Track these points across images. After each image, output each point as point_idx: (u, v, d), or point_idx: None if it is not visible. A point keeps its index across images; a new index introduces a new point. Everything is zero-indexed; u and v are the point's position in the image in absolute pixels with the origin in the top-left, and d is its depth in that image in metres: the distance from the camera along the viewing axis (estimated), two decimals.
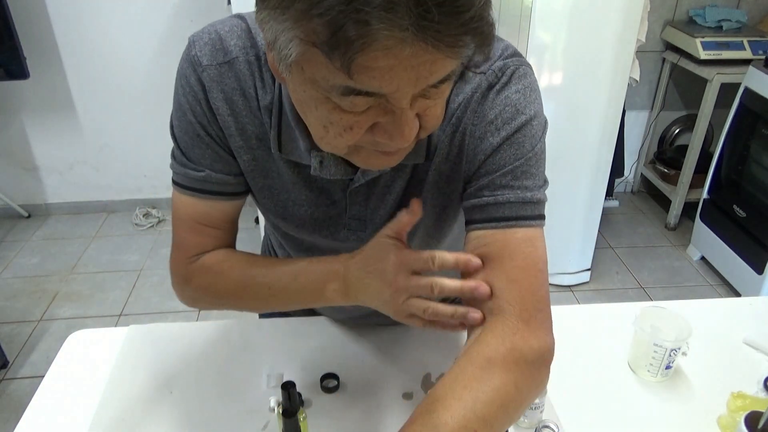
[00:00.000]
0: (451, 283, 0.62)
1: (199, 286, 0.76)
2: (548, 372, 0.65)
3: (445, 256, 0.62)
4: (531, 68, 0.67)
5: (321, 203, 0.73)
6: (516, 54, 0.67)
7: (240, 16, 0.68)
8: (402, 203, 0.73)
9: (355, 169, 0.69)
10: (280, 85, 0.66)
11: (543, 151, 0.67)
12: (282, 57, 0.49)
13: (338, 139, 0.54)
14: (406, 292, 0.62)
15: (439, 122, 0.57)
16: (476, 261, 0.63)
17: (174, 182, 0.73)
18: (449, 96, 0.66)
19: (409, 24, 0.42)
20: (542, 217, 0.66)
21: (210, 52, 0.65)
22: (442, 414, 0.57)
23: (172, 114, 0.71)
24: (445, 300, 0.64)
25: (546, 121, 0.68)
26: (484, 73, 0.65)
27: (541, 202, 0.66)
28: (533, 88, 0.66)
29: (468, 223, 0.68)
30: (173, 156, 0.72)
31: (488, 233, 0.65)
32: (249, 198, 0.81)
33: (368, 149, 0.57)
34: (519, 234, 0.64)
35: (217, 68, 0.65)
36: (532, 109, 0.65)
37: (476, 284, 0.62)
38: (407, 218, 0.64)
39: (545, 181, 0.68)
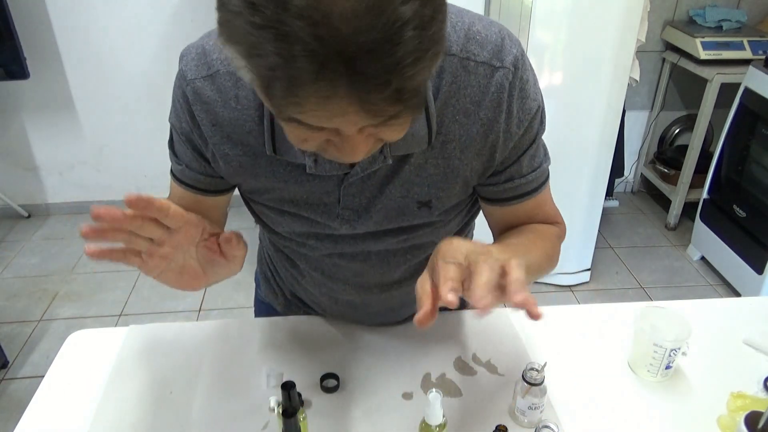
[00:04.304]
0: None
1: None
2: None
3: None
4: (521, 44, 0.70)
5: (315, 191, 0.74)
6: (510, 35, 0.68)
7: None
8: (402, 192, 0.73)
9: (352, 164, 0.69)
10: None
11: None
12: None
13: (300, 145, 0.55)
14: None
15: (402, 135, 0.55)
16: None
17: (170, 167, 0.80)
18: (458, 87, 0.67)
19: (340, 86, 0.43)
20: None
21: (195, 66, 0.68)
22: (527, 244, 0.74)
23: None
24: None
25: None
26: (499, 68, 0.66)
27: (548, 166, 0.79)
28: (533, 70, 0.71)
29: (496, 201, 0.78)
30: (168, 144, 0.79)
31: (521, 205, 0.78)
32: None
33: None
34: (542, 193, 0.79)
35: (200, 82, 0.68)
36: (539, 95, 0.71)
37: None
38: None
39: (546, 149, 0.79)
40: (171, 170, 0.80)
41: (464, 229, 0.89)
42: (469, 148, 0.70)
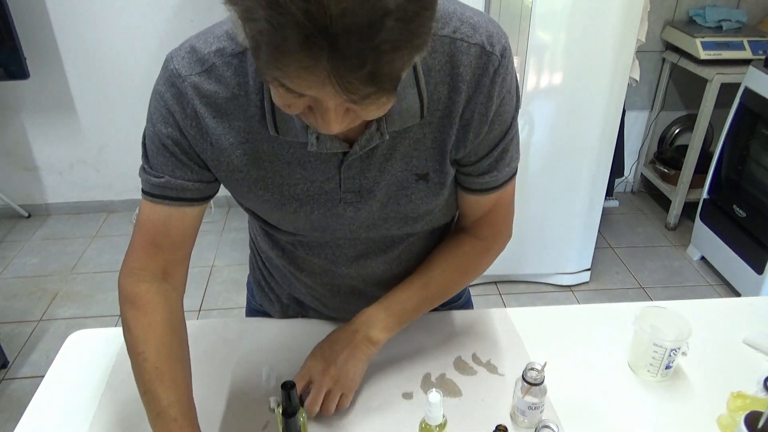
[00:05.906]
0: None
1: (122, 310, 0.78)
2: None
3: None
4: (508, 39, 0.72)
5: (316, 179, 0.75)
6: (499, 27, 0.72)
7: (216, 25, 0.71)
8: (402, 166, 0.75)
9: (352, 142, 0.71)
10: None
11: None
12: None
13: (285, 109, 0.58)
14: None
15: (380, 114, 0.58)
16: None
17: (142, 189, 0.77)
18: (451, 65, 0.69)
19: (320, 60, 0.46)
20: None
21: (188, 64, 0.69)
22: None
23: (145, 126, 0.75)
24: None
25: None
26: (490, 53, 0.69)
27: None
28: (515, 72, 0.75)
29: (469, 190, 0.82)
30: (142, 163, 0.77)
31: (490, 197, 0.83)
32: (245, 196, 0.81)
33: None
34: (508, 188, 0.84)
35: (197, 77, 0.69)
36: (516, 94, 0.75)
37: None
38: None
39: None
40: (144, 191, 0.76)
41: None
42: (453, 123, 0.73)
